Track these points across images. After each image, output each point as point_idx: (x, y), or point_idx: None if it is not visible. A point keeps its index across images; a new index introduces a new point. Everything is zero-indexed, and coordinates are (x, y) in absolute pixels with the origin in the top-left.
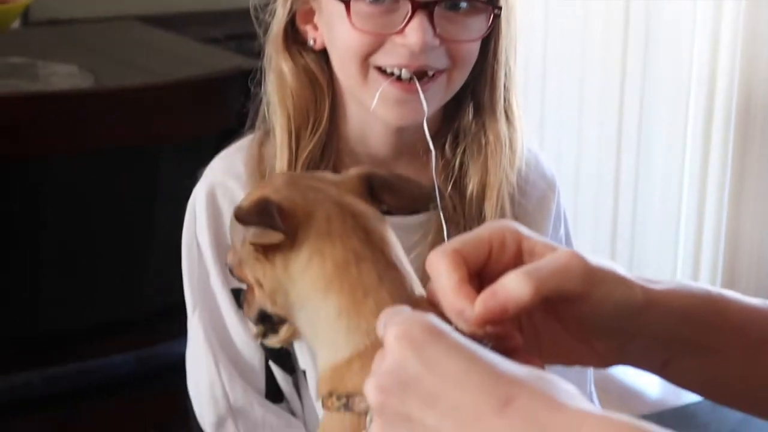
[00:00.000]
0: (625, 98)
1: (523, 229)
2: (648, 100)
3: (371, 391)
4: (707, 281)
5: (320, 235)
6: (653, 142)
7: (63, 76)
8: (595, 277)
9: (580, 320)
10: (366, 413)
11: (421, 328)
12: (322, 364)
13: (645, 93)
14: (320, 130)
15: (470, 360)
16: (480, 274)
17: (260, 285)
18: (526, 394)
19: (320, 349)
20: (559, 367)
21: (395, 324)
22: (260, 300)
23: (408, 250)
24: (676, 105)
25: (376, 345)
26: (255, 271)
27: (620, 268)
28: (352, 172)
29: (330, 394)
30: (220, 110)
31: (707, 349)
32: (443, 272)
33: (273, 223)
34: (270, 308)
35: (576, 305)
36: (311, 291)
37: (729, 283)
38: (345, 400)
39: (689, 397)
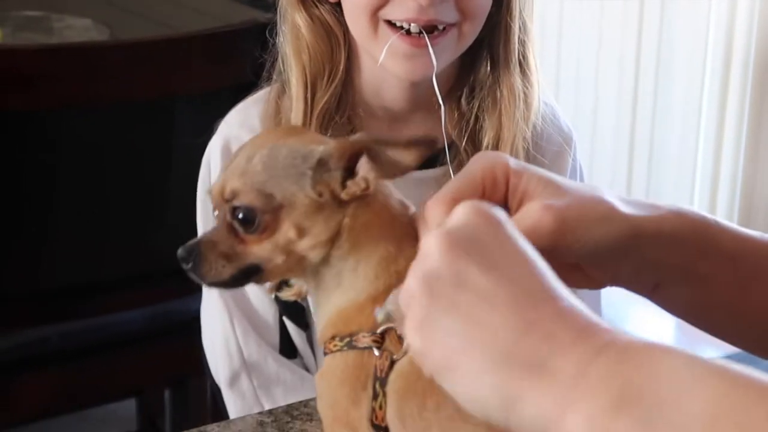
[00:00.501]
0: (642, 49)
1: (512, 162)
2: (665, 51)
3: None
4: None
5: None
6: (671, 95)
7: (78, 29)
8: (568, 226)
9: (565, 258)
10: (370, 347)
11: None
12: (330, 311)
13: (662, 43)
14: (335, 82)
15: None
16: None
17: (301, 234)
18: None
19: (336, 296)
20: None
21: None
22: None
23: (420, 203)
24: (694, 55)
25: (391, 287)
26: (306, 219)
27: (608, 197)
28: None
29: (332, 338)
30: (236, 64)
31: (697, 276)
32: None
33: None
34: (278, 259)
35: (557, 251)
36: (366, 239)
37: (744, 225)
38: (348, 339)
39: None
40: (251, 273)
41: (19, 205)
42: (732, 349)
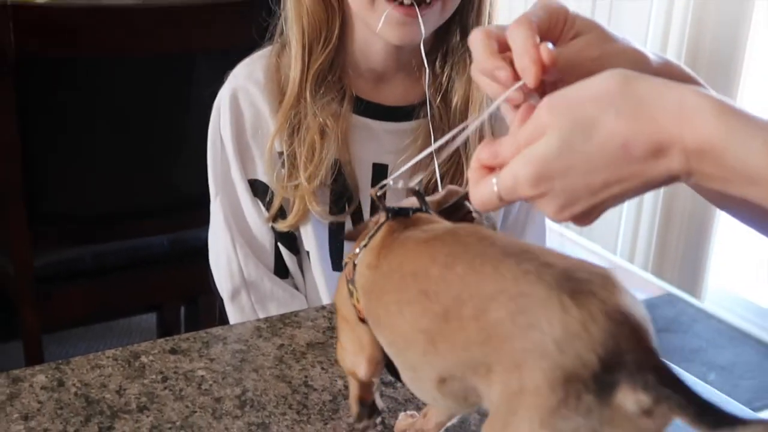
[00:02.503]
0: None
1: (570, 9)
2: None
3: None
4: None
5: None
6: None
7: None
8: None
9: None
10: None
11: None
12: None
13: (613, 19)
14: (330, 46)
15: None
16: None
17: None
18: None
19: None
20: None
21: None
22: None
23: (401, 151)
24: (637, 31)
25: None
26: None
27: (642, 49)
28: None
29: None
30: (246, 26)
31: None
32: (521, 36)
33: None
34: None
35: None
36: None
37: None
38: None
39: None
40: None
41: (60, 142)
42: (655, 293)
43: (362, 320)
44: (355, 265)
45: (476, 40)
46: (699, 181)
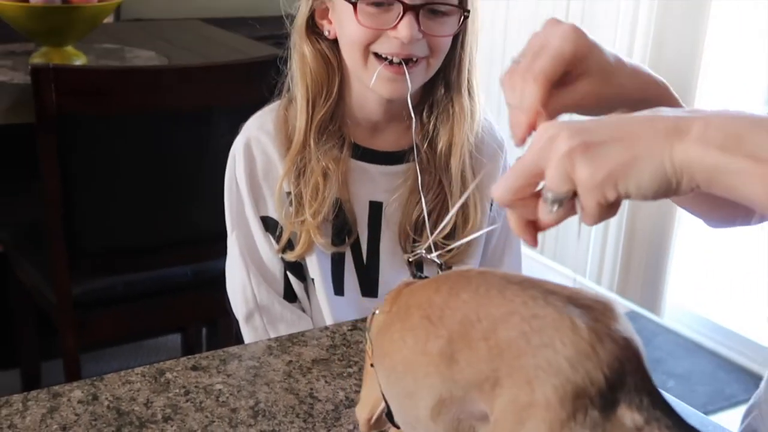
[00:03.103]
0: None
1: (589, 39)
2: None
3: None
4: None
5: None
6: None
7: (144, 58)
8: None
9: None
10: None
11: None
12: None
13: None
14: (330, 100)
15: None
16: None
17: None
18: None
19: None
20: None
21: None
22: None
23: (393, 191)
24: None
25: None
26: None
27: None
28: None
29: None
30: (259, 84)
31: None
32: (530, 95)
33: None
34: None
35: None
36: None
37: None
38: None
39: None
40: None
41: (96, 185)
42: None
43: (372, 366)
44: (373, 315)
45: (527, 92)
46: (705, 156)
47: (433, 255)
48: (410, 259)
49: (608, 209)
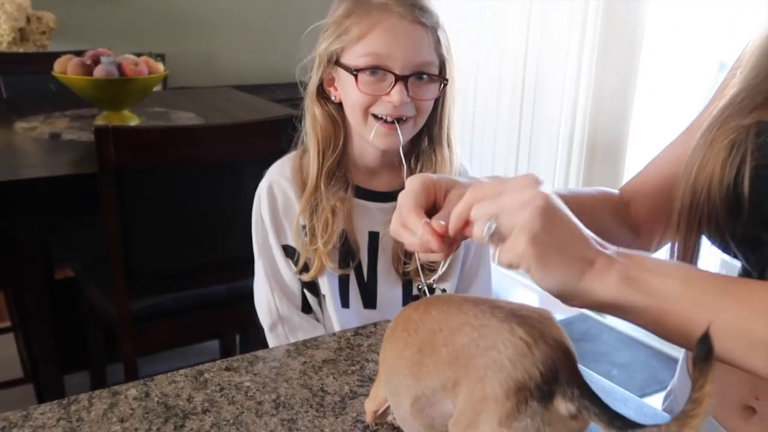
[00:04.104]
0: (522, 136)
1: (434, 177)
2: (535, 137)
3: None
4: None
5: None
6: (539, 154)
7: (185, 119)
8: None
9: None
10: None
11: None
12: None
13: (533, 133)
14: (337, 151)
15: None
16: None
17: None
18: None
19: None
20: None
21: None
22: None
23: (388, 223)
24: (550, 138)
25: None
26: None
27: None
28: None
29: None
30: (279, 138)
31: None
32: (415, 223)
33: None
34: None
35: None
36: None
37: None
38: None
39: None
40: None
41: (148, 221)
42: (572, 313)
43: None
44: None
45: (413, 221)
46: (614, 279)
47: (436, 280)
48: (421, 288)
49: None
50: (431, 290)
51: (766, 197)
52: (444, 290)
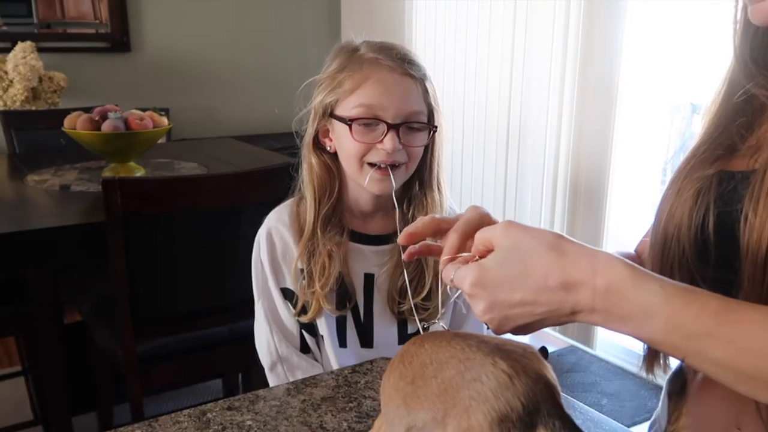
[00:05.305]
0: (508, 179)
1: (484, 210)
2: (520, 179)
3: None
4: None
5: None
6: (525, 195)
7: (188, 169)
8: None
9: None
10: None
11: None
12: None
13: (519, 174)
14: (333, 198)
15: None
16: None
17: None
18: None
19: None
20: None
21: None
22: None
23: (383, 265)
24: (535, 181)
25: None
26: None
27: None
28: None
29: None
30: (277, 185)
31: None
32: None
33: None
34: None
35: None
36: None
37: None
38: None
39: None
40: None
41: (153, 267)
42: (561, 345)
43: None
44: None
45: (451, 240)
46: (600, 320)
47: (439, 323)
48: (423, 326)
49: None
50: (308, 325)
51: (729, 242)
52: (444, 327)
